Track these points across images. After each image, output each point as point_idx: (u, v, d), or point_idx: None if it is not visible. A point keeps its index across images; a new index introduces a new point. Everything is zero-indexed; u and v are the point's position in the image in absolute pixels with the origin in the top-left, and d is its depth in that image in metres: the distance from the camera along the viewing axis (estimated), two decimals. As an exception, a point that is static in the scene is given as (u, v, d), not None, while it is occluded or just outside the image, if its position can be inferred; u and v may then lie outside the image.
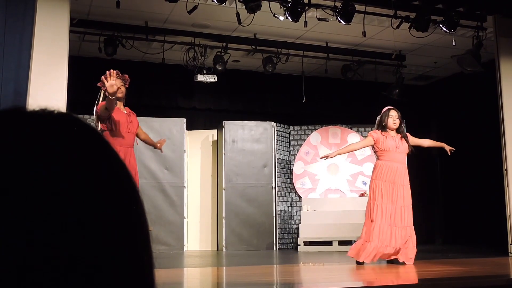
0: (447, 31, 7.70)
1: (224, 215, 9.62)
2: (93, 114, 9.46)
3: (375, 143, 6.30)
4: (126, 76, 5.37)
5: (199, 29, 8.66)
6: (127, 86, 5.35)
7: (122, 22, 8.23)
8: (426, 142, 6.73)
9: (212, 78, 8.98)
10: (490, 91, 7.96)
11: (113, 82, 4.78)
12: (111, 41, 8.26)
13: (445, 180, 11.32)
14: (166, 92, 9.98)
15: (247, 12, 7.01)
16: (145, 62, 9.65)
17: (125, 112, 5.35)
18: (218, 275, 5.75)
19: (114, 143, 5.10)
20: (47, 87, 5.57)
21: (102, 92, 5.28)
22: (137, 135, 5.51)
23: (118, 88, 4.91)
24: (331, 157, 6.40)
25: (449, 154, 6.62)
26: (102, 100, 5.24)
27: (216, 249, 9.91)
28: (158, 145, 5.71)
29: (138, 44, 8.56)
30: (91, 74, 9.21)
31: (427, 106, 11.52)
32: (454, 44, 8.40)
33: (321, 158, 6.55)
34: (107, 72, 4.90)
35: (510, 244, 7.27)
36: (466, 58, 8.30)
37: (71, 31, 6.50)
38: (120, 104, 5.22)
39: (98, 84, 5.30)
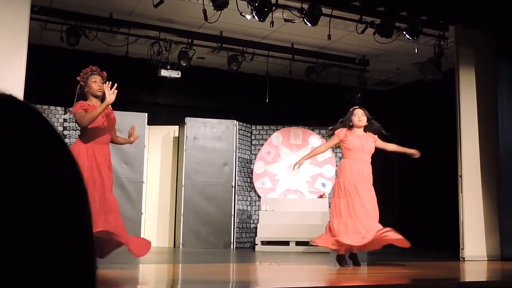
0: (410, 38, 7.83)
1: (182, 212, 9.56)
2: (52, 105, 9.32)
3: (341, 141, 6.34)
4: (105, 73, 5.27)
5: (165, 23, 8.59)
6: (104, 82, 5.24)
7: (86, 12, 8.09)
8: (390, 147, 6.72)
9: (176, 74, 8.92)
10: (449, 99, 8.12)
11: (111, 91, 4.82)
12: (74, 31, 8.10)
13: (403, 184, 11.51)
14: (129, 86, 9.82)
15: (214, 9, 6.98)
16: (108, 55, 9.51)
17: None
18: (174, 272, 5.71)
19: (87, 140, 5.02)
20: (4, 76, 5.42)
21: (79, 87, 5.19)
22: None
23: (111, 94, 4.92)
24: (301, 164, 6.46)
25: (415, 157, 6.67)
26: (80, 98, 5.13)
27: (173, 246, 9.85)
28: (132, 138, 5.62)
29: (102, 36, 8.44)
30: (52, 64, 9.11)
31: (389, 111, 11.69)
32: (416, 51, 8.55)
33: (294, 167, 6.54)
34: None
35: (462, 249, 7.44)
36: (427, 66, 8.46)
37: (32, 19, 6.36)
38: (97, 101, 5.10)
39: (78, 78, 5.21)
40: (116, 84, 4.93)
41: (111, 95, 4.86)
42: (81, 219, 0.54)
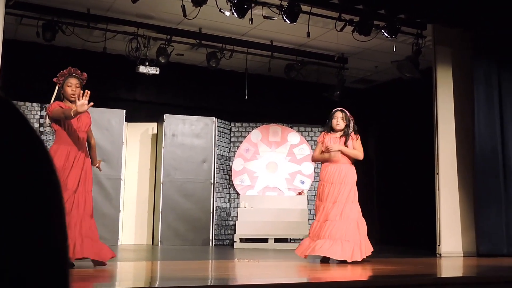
0: (389, 36, 7.87)
1: (160, 210, 9.52)
2: (28, 101, 9.21)
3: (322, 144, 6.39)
4: (85, 74, 5.18)
5: (143, 19, 8.52)
6: (84, 83, 5.15)
7: (63, 7, 7.99)
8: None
9: (154, 70, 8.86)
10: (427, 97, 8.19)
11: (85, 102, 4.64)
12: (50, 26, 7.99)
13: (381, 181, 11.59)
14: (106, 82, 9.75)
15: (193, 5, 6.95)
16: (85, 50, 9.41)
17: None
18: (152, 269, 5.68)
19: (64, 142, 4.96)
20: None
21: (57, 88, 5.10)
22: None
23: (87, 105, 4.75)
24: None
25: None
26: (57, 99, 5.05)
27: (151, 243, 9.80)
28: (97, 164, 5.51)
29: (79, 31, 8.34)
30: (28, 60, 8.99)
31: (367, 109, 11.76)
32: (394, 49, 8.60)
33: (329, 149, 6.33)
34: (82, 91, 4.75)
35: (438, 246, 7.52)
36: (405, 64, 8.52)
37: (6, 13, 6.26)
38: (72, 104, 5.01)
39: (54, 80, 5.12)
40: (88, 93, 4.74)
41: (83, 106, 4.65)
42: (53, 215, 0.52)
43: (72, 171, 4.91)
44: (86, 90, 4.72)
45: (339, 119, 6.32)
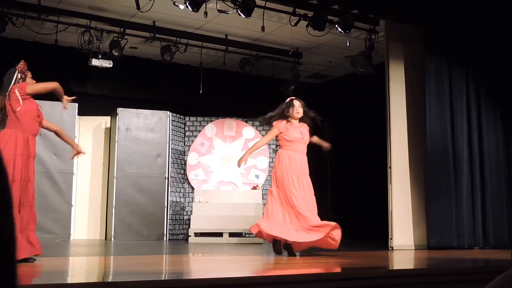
0: (342, 31, 7.97)
1: (114, 204, 9.41)
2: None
3: (280, 133, 6.33)
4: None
5: (96, 12, 8.38)
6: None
7: (13, -2, 7.78)
8: (314, 139, 6.69)
9: (107, 64, 8.73)
10: (380, 92, 8.33)
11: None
12: (0, 17, 7.77)
13: (334, 175, 11.73)
14: (58, 75, 9.48)
15: (147, -2, 6.87)
16: (36, 43, 9.20)
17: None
18: (105, 264, 5.60)
19: (14, 126, 4.94)
20: None
21: (16, 74, 5.17)
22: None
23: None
24: (246, 161, 6.37)
25: (325, 151, 6.83)
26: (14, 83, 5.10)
27: (104, 238, 9.68)
28: (77, 147, 5.64)
29: (30, 23, 8.14)
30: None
31: (321, 104, 11.86)
32: (348, 45, 8.71)
33: (239, 165, 6.41)
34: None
35: (391, 239, 7.67)
36: (359, 59, 8.65)
37: (-47, 3, 6.06)
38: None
39: (21, 68, 5.17)
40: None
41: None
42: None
43: (18, 159, 4.87)
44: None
45: (297, 107, 6.32)
